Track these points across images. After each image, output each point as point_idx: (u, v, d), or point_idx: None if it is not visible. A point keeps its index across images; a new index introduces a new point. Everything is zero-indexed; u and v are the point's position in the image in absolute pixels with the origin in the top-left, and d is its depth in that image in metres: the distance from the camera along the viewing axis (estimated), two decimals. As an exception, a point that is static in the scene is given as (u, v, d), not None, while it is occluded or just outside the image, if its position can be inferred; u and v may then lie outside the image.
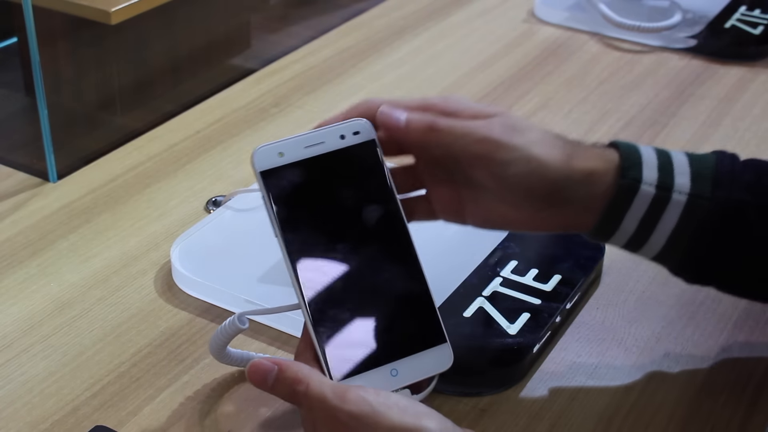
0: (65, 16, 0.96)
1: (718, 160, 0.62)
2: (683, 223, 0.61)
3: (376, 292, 0.56)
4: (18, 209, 0.84)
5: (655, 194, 0.61)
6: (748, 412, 0.65)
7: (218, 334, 0.62)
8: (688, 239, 0.62)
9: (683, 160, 0.62)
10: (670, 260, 0.64)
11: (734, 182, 0.61)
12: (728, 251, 0.63)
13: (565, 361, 0.69)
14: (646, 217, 0.61)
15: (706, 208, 0.61)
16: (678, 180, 0.61)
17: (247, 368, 0.54)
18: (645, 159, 0.61)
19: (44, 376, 0.66)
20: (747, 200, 0.61)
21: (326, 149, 0.56)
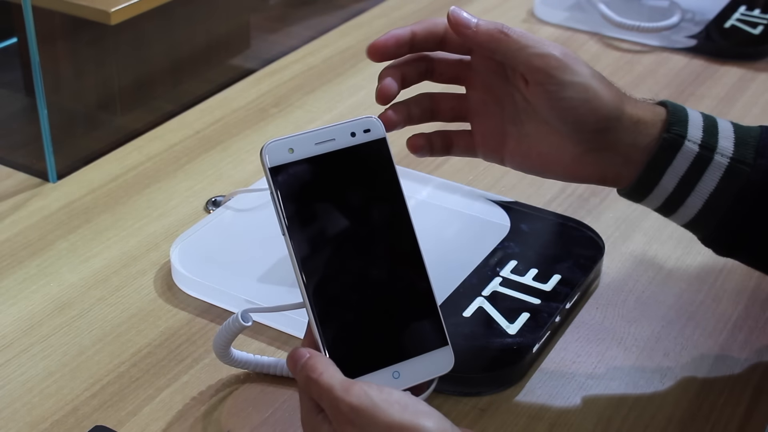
0: (65, 16, 0.96)
1: (763, 131, 0.63)
2: (722, 187, 0.62)
3: (381, 294, 0.56)
4: (18, 209, 0.84)
5: (698, 153, 0.62)
6: (748, 412, 0.65)
7: (222, 332, 0.62)
8: (726, 204, 0.62)
9: (728, 126, 0.63)
10: (704, 226, 0.64)
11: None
12: (764, 221, 0.63)
13: (565, 361, 0.69)
14: (687, 176, 0.62)
15: (746, 175, 0.61)
16: (722, 143, 0.62)
17: (289, 354, 0.55)
18: (691, 118, 0.63)
19: (44, 376, 0.66)
20: None
21: (336, 146, 0.56)
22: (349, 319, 0.55)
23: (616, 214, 0.85)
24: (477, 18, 0.62)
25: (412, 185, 0.85)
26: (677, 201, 0.63)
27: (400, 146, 0.94)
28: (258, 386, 0.66)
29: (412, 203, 0.82)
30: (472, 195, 0.83)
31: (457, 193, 0.84)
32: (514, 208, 0.81)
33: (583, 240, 0.78)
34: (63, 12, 0.95)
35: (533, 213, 0.81)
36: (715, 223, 0.64)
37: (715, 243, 0.65)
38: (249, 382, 0.66)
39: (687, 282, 0.77)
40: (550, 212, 0.82)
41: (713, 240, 0.65)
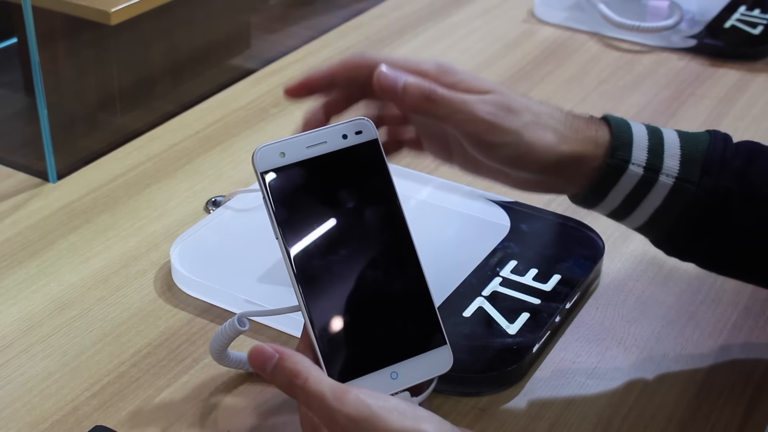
0: (65, 17, 0.96)
1: (711, 144, 0.63)
2: (667, 205, 0.62)
3: (377, 294, 0.56)
4: (18, 209, 0.84)
5: (643, 175, 0.62)
6: (747, 412, 0.65)
7: (218, 336, 0.62)
8: (670, 220, 0.63)
9: (675, 142, 0.63)
10: (651, 234, 0.66)
11: (723, 169, 0.62)
12: (709, 236, 0.63)
13: (565, 360, 0.69)
14: (631, 195, 0.62)
15: (691, 193, 0.62)
16: (667, 162, 0.62)
17: (249, 352, 0.54)
18: (636, 139, 0.62)
19: (44, 376, 0.66)
20: (733, 188, 0.62)
21: (328, 149, 0.56)
22: (345, 321, 0.55)
23: (616, 214, 0.85)
24: (403, 79, 0.60)
25: (412, 185, 0.85)
26: (623, 214, 0.64)
27: (400, 146, 0.94)
28: (257, 386, 0.66)
29: (412, 203, 0.82)
30: (472, 195, 0.83)
31: (457, 193, 0.84)
32: (514, 208, 0.81)
33: (583, 240, 0.78)
34: (63, 12, 0.95)
35: (533, 213, 0.81)
36: (661, 234, 0.65)
37: (664, 248, 0.67)
38: (249, 382, 0.66)
39: (687, 282, 0.77)
40: (550, 212, 0.82)
41: (661, 246, 0.66)
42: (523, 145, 0.60)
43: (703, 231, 0.63)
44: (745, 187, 0.62)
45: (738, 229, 0.63)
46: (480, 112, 0.60)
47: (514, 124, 0.60)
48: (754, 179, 0.62)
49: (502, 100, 0.61)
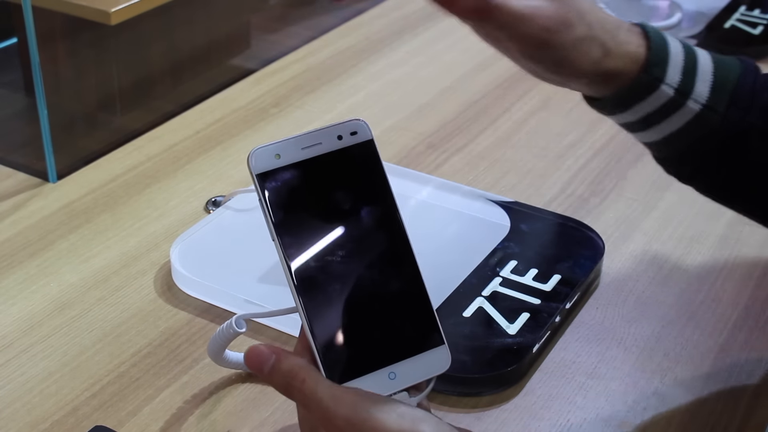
0: (65, 17, 0.96)
1: (742, 74, 0.62)
2: (687, 129, 0.61)
3: (373, 295, 0.56)
4: (18, 209, 0.84)
5: (672, 97, 0.61)
6: (748, 412, 0.65)
7: (216, 338, 0.62)
8: (685, 145, 0.62)
9: (708, 65, 0.62)
10: (659, 152, 0.65)
11: (751, 102, 0.61)
12: (720, 167, 0.63)
13: (565, 360, 0.69)
14: (654, 114, 0.62)
15: (715, 123, 0.61)
16: (698, 87, 0.61)
17: (246, 352, 0.53)
18: (672, 56, 0.61)
19: (44, 377, 0.66)
20: (757, 124, 0.61)
21: (323, 150, 0.56)
22: (342, 322, 0.55)
23: (616, 214, 0.85)
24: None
25: (412, 185, 0.85)
26: (637, 128, 0.63)
27: (400, 146, 0.94)
28: (257, 386, 0.66)
29: (412, 203, 0.82)
30: (472, 195, 0.83)
31: (457, 193, 0.84)
32: (514, 208, 0.81)
33: (583, 240, 0.78)
34: (63, 12, 0.95)
35: (533, 213, 0.81)
36: (669, 154, 0.64)
37: (666, 167, 0.66)
38: (248, 382, 0.66)
39: (687, 282, 0.77)
40: (550, 212, 0.82)
41: (665, 164, 0.66)
42: (568, 59, 0.60)
43: (715, 161, 0.62)
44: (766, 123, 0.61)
45: (753, 165, 0.62)
46: (534, 28, 0.58)
47: (566, 40, 0.59)
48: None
49: (559, 13, 0.59)
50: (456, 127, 0.98)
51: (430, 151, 0.94)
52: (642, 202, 0.86)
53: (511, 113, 1.00)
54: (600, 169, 0.91)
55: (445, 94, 1.04)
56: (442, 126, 0.98)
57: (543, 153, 0.94)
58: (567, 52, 0.60)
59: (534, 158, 0.93)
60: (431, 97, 1.04)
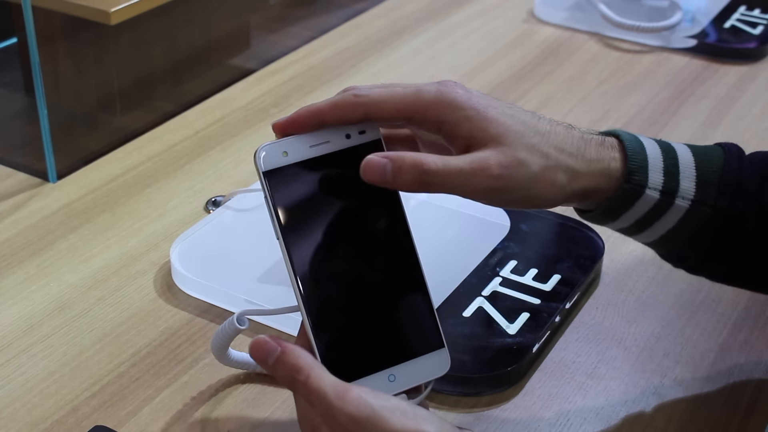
0: (65, 16, 0.96)
1: (725, 162, 0.61)
2: (681, 226, 0.61)
3: (376, 297, 0.56)
4: (18, 209, 0.84)
5: (659, 199, 0.60)
6: (747, 412, 0.65)
7: (218, 335, 0.62)
8: (682, 239, 0.62)
9: (689, 161, 0.61)
10: (661, 250, 0.65)
11: (739, 190, 0.61)
12: (722, 254, 0.63)
13: (565, 361, 0.69)
14: (645, 217, 0.61)
15: (707, 215, 0.61)
16: (683, 184, 0.60)
17: (251, 343, 0.53)
18: (651, 161, 0.60)
19: (44, 376, 0.66)
20: (749, 210, 0.61)
21: (331, 149, 0.56)
22: (344, 323, 0.54)
23: (616, 214, 0.85)
24: (389, 167, 0.55)
25: (412, 185, 0.84)
26: (633, 232, 0.63)
27: (400, 146, 0.94)
28: (257, 386, 0.66)
29: (412, 203, 0.82)
30: (472, 195, 0.83)
31: (457, 193, 0.84)
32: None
33: (583, 240, 0.78)
34: (63, 12, 0.95)
35: (533, 213, 0.81)
36: (671, 251, 0.64)
37: (673, 263, 0.66)
38: (248, 382, 0.66)
39: (687, 282, 0.77)
40: (550, 212, 0.82)
41: (670, 260, 0.66)
42: (532, 194, 0.58)
43: (715, 250, 0.62)
44: (761, 208, 0.61)
45: (752, 247, 0.62)
46: (484, 181, 0.56)
47: (522, 179, 0.57)
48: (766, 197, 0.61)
49: (506, 156, 0.56)
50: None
51: (430, 151, 0.94)
52: (642, 202, 0.86)
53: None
54: (600, 169, 0.91)
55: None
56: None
57: (543, 153, 0.94)
58: (528, 189, 0.57)
59: (534, 158, 0.93)
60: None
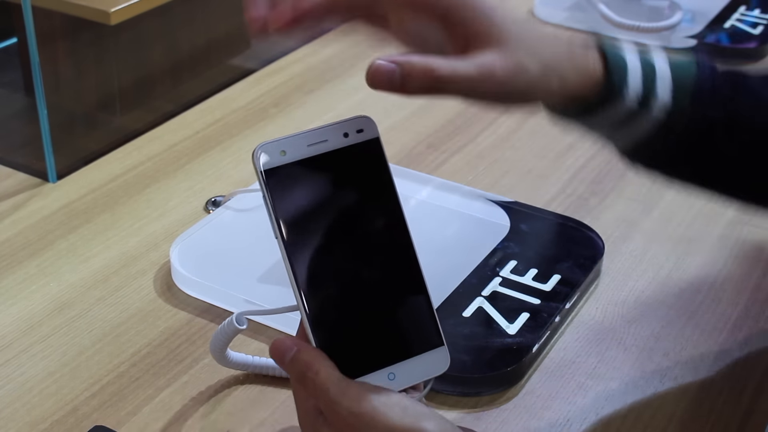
0: (65, 16, 0.96)
1: (699, 72, 0.62)
2: (653, 134, 0.62)
3: (375, 295, 0.56)
4: (17, 209, 0.84)
5: (635, 108, 0.61)
6: (747, 412, 0.65)
7: (217, 336, 0.62)
8: (653, 146, 0.63)
9: (666, 73, 0.62)
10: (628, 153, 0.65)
11: (712, 98, 0.62)
12: (690, 161, 0.64)
13: (565, 360, 0.69)
14: (617, 124, 0.62)
15: (680, 125, 0.62)
16: (660, 95, 0.61)
17: (271, 344, 0.54)
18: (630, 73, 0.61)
19: (43, 376, 0.66)
20: (719, 118, 0.62)
21: (329, 148, 0.56)
22: (343, 322, 0.54)
23: (616, 214, 0.85)
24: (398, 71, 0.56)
25: (412, 185, 0.85)
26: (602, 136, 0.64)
27: (400, 146, 0.94)
28: (257, 386, 0.66)
29: (412, 203, 0.82)
30: (472, 195, 0.83)
31: (456, 193, 0.84)
32: (514, 208, 0.81)
33: (583, 240, 0.78)
34: (63, 12, 0.95)
35: (533, 213, 0.81)
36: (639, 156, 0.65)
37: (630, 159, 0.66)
38: (248, 382, 0.66)
39: (687, 282, 0.77)
40: (550, 212, 0.82)
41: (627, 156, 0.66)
42: (528, 100, 0.59)
43: (685, 157, 0.64)
44: (730, 117, 0.62)
45: (721, 156, 0.63)
46: (490, 86, 0.56)
47: (522, 85, 0.57)
48: (739, 108, 0.62)
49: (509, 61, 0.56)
50: (456, 127, 0.98)
51: (430, 151, 0.94)
52: (642, 202, 0.86)
53: (510, 113, 1.00)
54: (600, 169, 0.91)
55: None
56: (442, 126, 0.98)
57: (543, 153, 0.94)
58: (525, 94, 0.58)
59: (534, 158, 0.93)
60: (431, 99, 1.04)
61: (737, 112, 0.62)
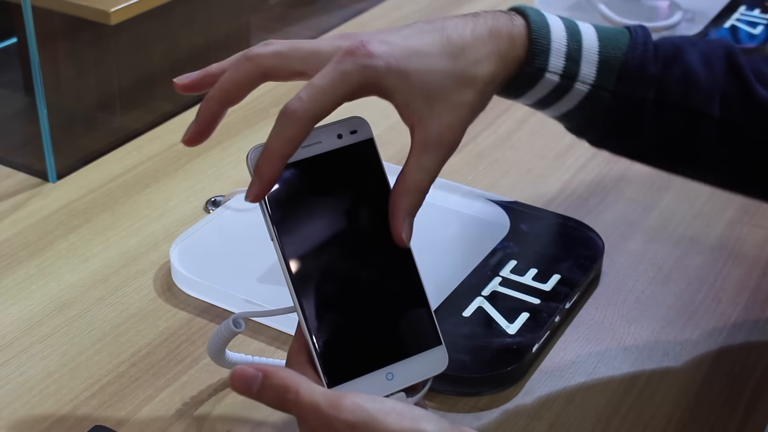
0: (65, 16, 0.96)
1: (630, 48, 0.63)
2: (581, 107, 0.63)
3: (372, 295, 0.56)
4: (17, 209, 0.84)
5: (559, 82, 0.62)
6: (747, 412, 0.65)
7: (214, 338, 0.62)
8: (584, 120, 0.64)
9: (593, 45, 0.63)
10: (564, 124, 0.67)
11: (640, 76, 0.62)
12: (622, 137, 0.65)
13: (565, 360, 0.69)
14: (545, 98, 0.63)
15: (605, 99, 0.62)
16: (584, 69, 0.62)
17: (230, 375, 0.52)
18: (554, 44, 0.61)
19: (43, 376, 0.66)
20: (648, 96, 0.62)
21: (323, 149, 0.56)
22: (340, 322, 0.54)
23: (616, 214, 0.85)
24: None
25: (411, 185, 0.84)
26: (536, 108, 0.65)
27: (400, 146, 0.94)
28: (257, 386, 0.66)
29: (411, 203, 0.82)
30: (472, 195, 0.83)
31: (456, 193, 0.84)
32: (514, 208, 0.81)
33: (583, 240, 0.78)
34: (63, 12, 0.95)
35: (533, 213, 0.81)
36: (572, 127, 0.66)
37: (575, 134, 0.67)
38: (248, 382, 0.66)
39: (687, 282, 0.77)
40: (550, 212, 0.82)
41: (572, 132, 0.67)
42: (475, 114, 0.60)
43: (616, 132, 0.64)
44: (659, 94, 0.62)
45: (650, 132, 0.64)
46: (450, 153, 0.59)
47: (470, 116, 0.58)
48: (668, 85, 0.63)
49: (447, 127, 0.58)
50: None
51: (430, 151, 0.93)
52: (642, 202, 0.86)
53: (511, 113, 1.00)
54: (600, 169, 0.91)
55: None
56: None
57: (543, 153, 0.94)
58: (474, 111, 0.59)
59: (534, 158, 0.93)
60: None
61: (666, 90, 0.63)
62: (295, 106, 0.54)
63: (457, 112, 0.58)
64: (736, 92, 0.63)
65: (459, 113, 0.58)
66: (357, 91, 0.55)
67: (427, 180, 0.57)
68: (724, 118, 0.63)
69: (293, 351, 0.55)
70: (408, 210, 0.56)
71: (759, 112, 0.63)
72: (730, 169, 0.66)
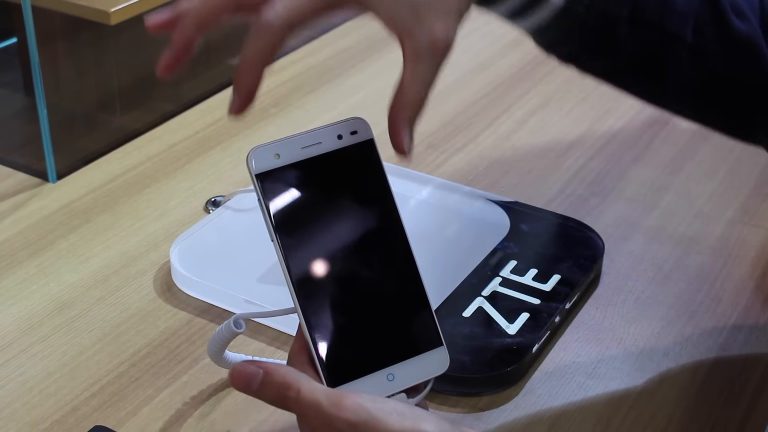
0: (65, 16, 0.96)
1: None
2: (554, 21, 0.62)
3: (373, 296, 0.56)
4: (17, 209, 0.84)
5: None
6: (747, 412, 0.65)
7: (215, 339, 0.62)
8: (556, 33, 0.63)
9: None
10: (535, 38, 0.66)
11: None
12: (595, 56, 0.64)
13: (565, 360, 0.69)
14: (519, 8, 0.62)
15: (579, 14, 0.62)
16: None
17: (230, 373, 0.52)
18: None
19: (43, 376, 0.66)
20: (622, 14, 0.62)
21: (323, 150, 0.56)
22: (341, 323, 0.54)
23: (616, 214, 0.85)
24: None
25: (411, 185, 0.85)
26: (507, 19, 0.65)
27: (400, 146, 0.94)
28: (257, 386, 0.66)
29: (411, 203, 0.82)
30: (472, 195, 0.83)
31: (456, 193, 0.84)
32: (514, 208, 0.81)
33: (583, 240, 0.78)
34: (63, 12, 0.95)
35: (533, 213, 0.81)
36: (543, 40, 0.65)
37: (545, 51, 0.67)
38: (248, 382, 0.66)
39: (687, 282, 0.77)
40: (550, 212, 0.82)
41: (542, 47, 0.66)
42: None
43: (588, 49, 0.64)
44: (635, 13, 0.62)
45: (622, 51, 0.63)
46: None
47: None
48: (644, 4, 0.62)
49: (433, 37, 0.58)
50: (456, 127, 0.98)
51: (430, 151, 0.94)
52: (642, 202, 0.86)
53: (511, 113, 1.00)
54: (600, 169, 0.91)
55: (445, 94, 1.04)
56: (442, 126, 0.98)
57: (543, 153, 0.94)
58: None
59: (534, 158, 0.93)
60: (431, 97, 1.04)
61: (643, 11, 0.62)
62: (269, 14, 0.54)
63: (445, 19, 0.58)
64: (711, 20, 0.63)
65: (447, 20, 0.58)
66: (336, 2, 0.55)
67: (424, 90, 0.56)
68: (696, 43, 0.63)
69: (294, 352, 0.55)
70: (407, 121, 0.56)
71: (730, 43, 0.63)
72: (695, 95, 0.66)
